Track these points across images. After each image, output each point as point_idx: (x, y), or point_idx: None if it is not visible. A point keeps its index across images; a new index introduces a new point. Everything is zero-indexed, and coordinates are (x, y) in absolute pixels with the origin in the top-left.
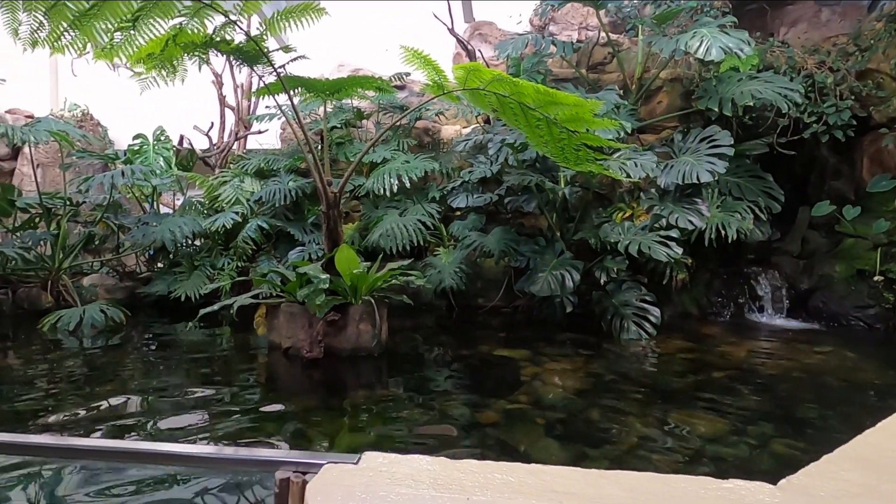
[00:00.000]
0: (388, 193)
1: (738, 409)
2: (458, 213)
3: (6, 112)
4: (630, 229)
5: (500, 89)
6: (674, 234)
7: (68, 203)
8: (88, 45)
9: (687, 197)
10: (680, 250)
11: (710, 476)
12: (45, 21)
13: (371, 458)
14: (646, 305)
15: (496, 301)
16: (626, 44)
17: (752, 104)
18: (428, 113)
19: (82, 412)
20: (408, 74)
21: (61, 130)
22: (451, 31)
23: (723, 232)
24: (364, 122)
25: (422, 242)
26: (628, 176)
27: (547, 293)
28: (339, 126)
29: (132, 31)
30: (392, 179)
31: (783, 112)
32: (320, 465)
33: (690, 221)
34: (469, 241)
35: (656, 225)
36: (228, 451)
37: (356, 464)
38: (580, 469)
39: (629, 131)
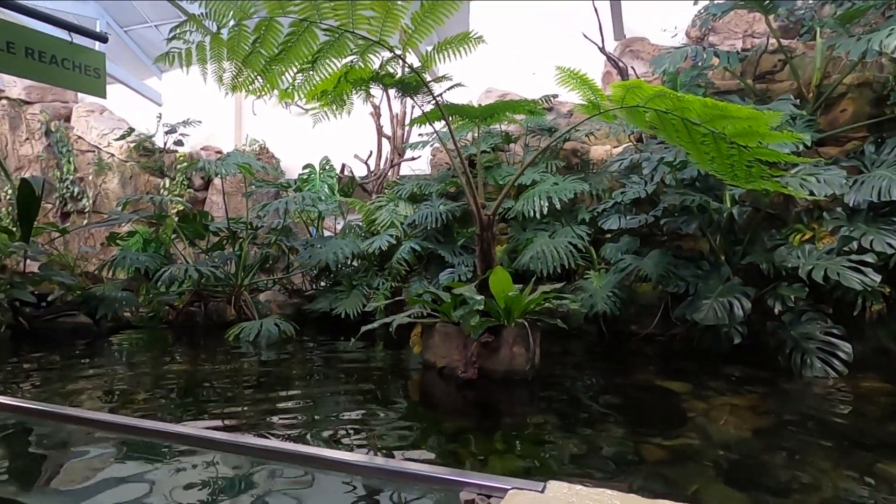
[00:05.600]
0: (537, 216)
1: None
2: (609, 235)
3: (201, 149)
4: (812, 253)
5: (661, 105)
6: (868, 258)
7: (249, 227)
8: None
9: (884, 217)
10: (878, 277)
11: None
12: (242, 68)
13: (556, 487)
14: (833, 339)
15: (651, 328)
16: (799, 49)
17: None
18: (577, 133)
19: (259, 414)
20: (555, 96)
21: (245, 163)
22: (602, 49)
23: None
24: (511, 145)
25: (572, 265)
26: (812, 193)
27: (713, 322)
28: (487, 150)
29: (311, 72)
30: (542, 202)
31: None
32: (504, 490)
33: (890, 244)
34: (624, 264)
35: (845, 248)
36: (412, 465)
37: (542, 492)
38: None
39: (808, 144)
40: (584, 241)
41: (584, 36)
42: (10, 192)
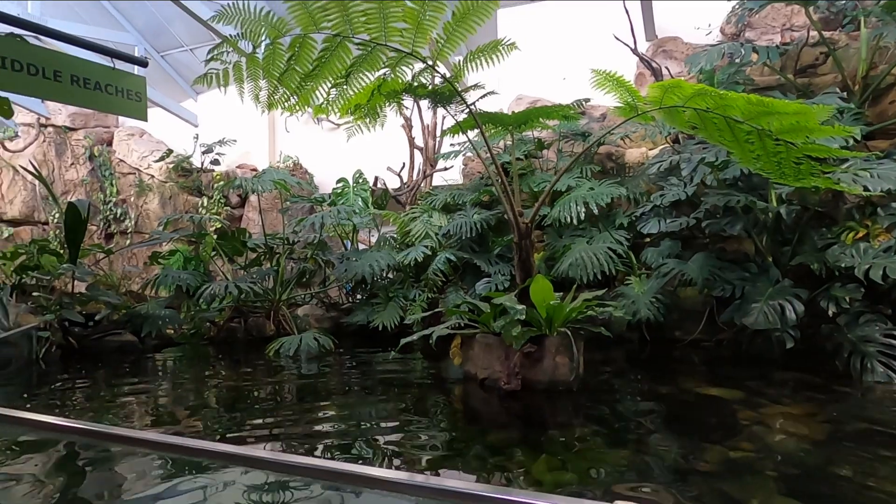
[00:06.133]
0: (574, 222)
1: None
2: (648, 239)
3: (237, 167)
4: (868, 251)
5: (702, 104)
6: None
7: (286, 242)
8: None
9: None
10: None
11: None
12: (278, 86)
13: None
14: (894, 342)
15: (696, 334)
16: (842, 40)
17: None
18: (612, 137)
19: (300, 429)
20: (588, 100)
21: (280, 179)
22: (635, 51)
23: None
24: (544, 151)
25: (612, 271)
26: (866, 189)
27: (763, 326)
28: (521, 157)
29: (344, 86)
30: (579, 207)
31: None
32: None
33: None
34: (667, 268)
35: None
36: (458, 482)
37: None
38: None
39: (858, 138)
40: (623, 246)
41: (616, 38)
42: (57, 215)
